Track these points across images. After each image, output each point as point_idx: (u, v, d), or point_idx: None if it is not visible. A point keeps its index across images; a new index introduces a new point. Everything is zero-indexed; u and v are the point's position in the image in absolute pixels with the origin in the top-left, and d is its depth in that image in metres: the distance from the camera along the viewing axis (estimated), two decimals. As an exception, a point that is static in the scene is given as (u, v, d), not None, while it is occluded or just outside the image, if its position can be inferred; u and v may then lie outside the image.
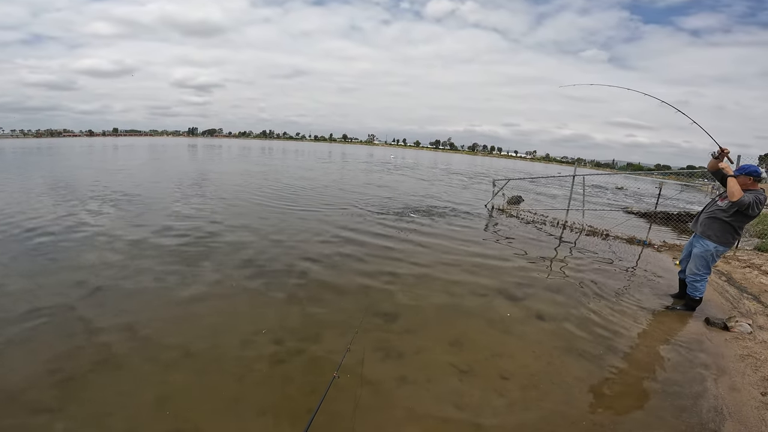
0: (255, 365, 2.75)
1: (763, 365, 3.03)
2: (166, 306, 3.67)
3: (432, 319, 3.66)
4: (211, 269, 4.65)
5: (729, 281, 5.30)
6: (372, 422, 2.26)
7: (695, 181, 28.48)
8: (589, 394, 2.63)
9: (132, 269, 4.53)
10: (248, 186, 12.44)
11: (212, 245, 5.65)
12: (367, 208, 9.27)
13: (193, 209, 8.20)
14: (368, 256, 5.55)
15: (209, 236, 6.12)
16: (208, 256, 5.15)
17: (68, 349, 2.85)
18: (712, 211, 3.94)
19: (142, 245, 5.48)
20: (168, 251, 5.28)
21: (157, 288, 4.06)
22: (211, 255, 5.19)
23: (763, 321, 3.92)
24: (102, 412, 2.24)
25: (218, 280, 4.32)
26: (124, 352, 2.85)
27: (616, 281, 5.13)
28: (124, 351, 2.86)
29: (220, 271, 4.59)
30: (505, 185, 11.65)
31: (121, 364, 2.70)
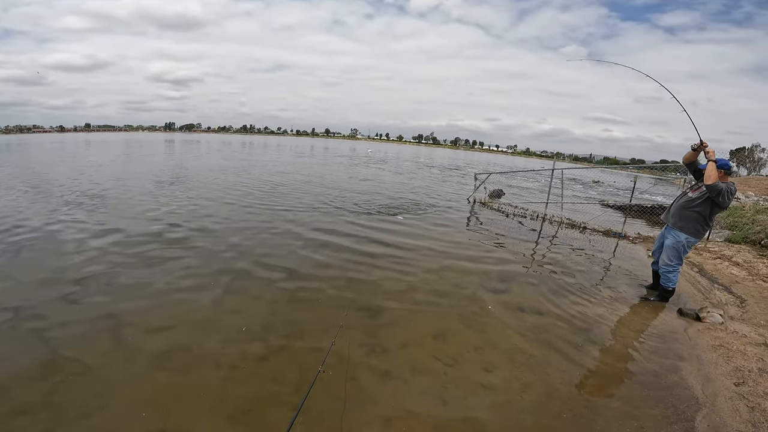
0: (238, 363, 2.71)
1: (734, 355, 3.10)
2: (142, 307, 3.51)
3: (415, 313, 3.66)
4: (186, 269, 4.47)
5: (701, 272, 5.45)
6: (357, 417, 2.26)
7: (668, 174, 29.42)
8: (570, 386, 2.67)
9: (103, 270, 4.31)
10: (226, 184, 12.13)
11: (186, 245, 5.44)
12: (346, 204, 9.15)
13: (165, 207, 7.90)
14: (349, 251, 5.45)
15: (182, 236, 5.90)
16: (181, 256, 4.95)
17: (42, 353, 2.71)
18: (683, 203, 4.00)
19: (110, 246, 5.22)
20: (137, 251, 5.05)
21: (132, 287, 3.89)
22: (184, 255, 4.99)
23: (734, 311, 4.03)
24: (82, 413, 2.19)
25: (194, 281, 4.15)
26: (101, 353, 2.76)
27: (593, 273, 5.22)
28: (101, 352, 2.77)
29: (196, 271, 4.42)
30: (486, 179, 11.72)
31: (100, 366, 2.61)
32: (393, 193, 11.52)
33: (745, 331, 3.52)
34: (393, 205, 9.28)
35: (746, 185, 16.11)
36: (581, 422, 2.32)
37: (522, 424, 2.30)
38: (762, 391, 2.61)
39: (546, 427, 2.29)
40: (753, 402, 2.50)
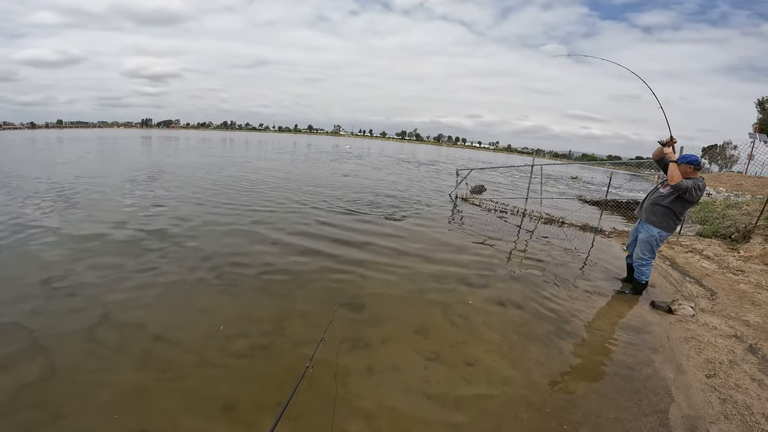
0: (218, 361, 2.67)
1: (705, 347, 3.15)
2: (114, 307, 3.38)
3: (396, 308, 3.66)
4: (156, 269, 4.30)
5: (673, 266, 5.57)
6: (341, 413, 2.25)
7: (643, 171, 30.34)
8: (549, 378, 2.72)
9: (71, 270, 4.12)
10: (201, 182, 11.83)
11: (160, 243, 5.25)
12: (330, 198, 9.02)
13: (134, 207, 7.63)
14: (330, 247, 5.37)
15: (155, 233, 5.69)
16: (153, 253, 4.78)
17: (14, 352, 2.63)
18: (654, 198, 4.08)
19: (78, 245, 4.99)
20: (112, 249, 4.85)
21: (102, 288, 3.74)
22: (157, 253, 4.82)
23: (704, 304, 4.12)
24: (57, 414, 2.13)
25: (171, 279, 4.02)
26: (75, 353, 2.69)
27: (571, 267, 5.28)
28: (75, 352, 2.70)
29: (171, 270, 4.28)
30: (467, 175, 11.78)
31: (75, 366, 2.54)
32: (375, 190, 11.43)
33: (716, 323, 3.59)
34: (375, 201, 9.21)
35: (718, 181, 16.70)
36: (561, 415, 2.35)
37: (504, 417, 2.32)
38: (733, 383, 2.65)
39: (527, 421, 2.30)
40: (724, 394, 2.54)
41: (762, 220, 6.62)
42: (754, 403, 2.41)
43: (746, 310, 3.89)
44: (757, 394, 2.51)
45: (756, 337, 3.29)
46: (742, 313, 3.80)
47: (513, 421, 2.29)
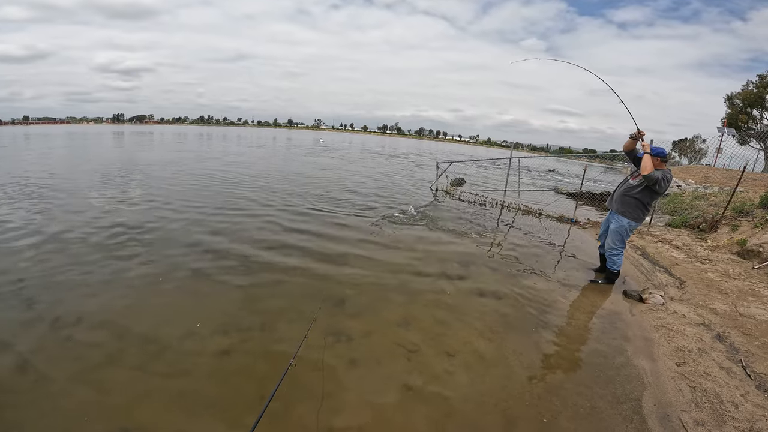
0: (199, 358, 2.63)
1: (675, 336, 3.22)
2: (84, 307, 3.27)
3: (378, 301, 3.66)
4: (132, 266, 4.17)
5: (643, 255, 5.70)
6: (324, 407, 2.25)
7: (617, 163, 31.23)
8: (527, 368, 2.76)
9: (40, 271, 3.92)
10: (178, 178, 11.36)
11: (132, 242, 5.05)
12: (302, 197, 8.82)
13: (102, 203, 7.36)
14: (310, 241, 5.28)
15: (130, 231, 5.48)
16: (125, 251, 4.60)
17: None
18: (624, 189, 4.16)
19: (45, 245, 4.76)
20: (79, 249, 4.64)
21: (74, 288, 3.61)
22: (128, 252, 4.64)
23: (673, 292, 4.22)
24: (36, 415, 2.09)
25: (140, 279, 3.87)
26: (50, 351, 2.62)
27: (547, 258, 5.36)
28: (50, 351, 2.63)
29: (143, 267, 4.15)
30: (447, 168, 11.79)
31: (51, 366, 2.48)
32: (357, 182, 11.28)
33: (684, 312, 3.67)
34: (356, 192, 9.06)
35: (687, 174, 17.30)
36: (540, 404, 2.38)
37: (484, 406, 2.35)
38: (702, 371, 2.70)
39: (508, 409, 2.33)
40: (694, 382, 2.59)
41: (729, 211, 6.85)
42: (723, 391, 2.47)
43: (714, 298, 4.00)
44: (725, 382, 2.57)
45: (723, 326, 3.38)
46: (710, 302, 3.90)
47: (494, 410, 2.32)
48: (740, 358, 2.83)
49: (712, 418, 2.24)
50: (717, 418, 2.23)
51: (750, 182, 10.85)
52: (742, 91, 28.54)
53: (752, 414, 2.25)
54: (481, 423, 2.23)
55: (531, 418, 2.26)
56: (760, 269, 4.76)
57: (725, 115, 29.14)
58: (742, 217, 6.64)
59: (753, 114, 28.29)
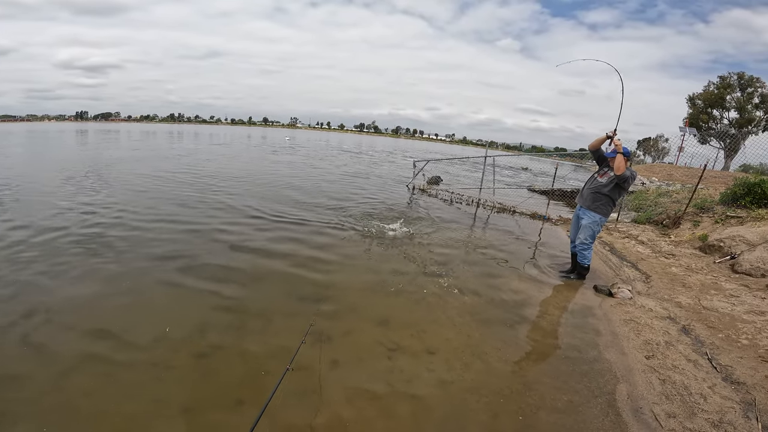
0: (173, 362, 2.56)
1: (643, 329, 3.32)
2: (50, 310, 3.14)
3: (357, 300, 3.65)
4: (90, 273, 3.94)
5: (612, 251, 5.88)
6: (307, 407, 2.24)
7: (586, 162, 32.35)
8: (506, 363, 2.80)
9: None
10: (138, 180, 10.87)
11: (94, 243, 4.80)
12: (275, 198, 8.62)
13: (61, 205, 6.99)
14: (287, 241, 5.19)
15: (95, 233, 5.20)
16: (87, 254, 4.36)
17: None
18: (595, 187, 4.29)
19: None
20: (41, 251, 4.37)
21: (36, 292, 3.44)
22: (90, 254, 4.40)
23: (640, 287, 4.36)
24: (3, 422, 2.01)
25: (101, 286, 3.68)
26: (19, 359, 2.52)
27: (522, 254, 5.47)
28: (19, 358, 2.53)
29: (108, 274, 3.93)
30: (424, 166, 11.84)
31: (19, 372, 2.38)
32: (336, 179, 11.13)
33: (651, 306, 3.79)
34: (332, 190, 8.93)
35: (651, 171, 18.10)
36: (519, 398, 2.42)
37: (466, 403, 2.37)
38: (670, 363, 2.80)
39: (488, 405, 2.35)
40: (663, 375, 2.67)
41: (690, 208, 7.18)
42: (692, 384, 2.56)
43: (678, 292, 4.16)
44: (693, 374, 2.66)
45: (688, 318, 3.51)
46: (675, 296, 4.05)
47: (475, 406, 2.34)
48: (705, 350, 2.94)
49: (682, 410, 2.31)
50: (687, 411, 2.31)
51: (710, 180, 11.45)
52: (704, 91, 29.94)
53: (721, 406, 2.34)
54: (464, 419, 2.25)
55: (512, 413, 2.29)
56: (721, 263, 5.00)
57: (687, 115, 30.54)
58: (703, 213, 6.97)
59: (713, 114, 29.78)
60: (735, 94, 28.38)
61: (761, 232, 5.34)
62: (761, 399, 2.37)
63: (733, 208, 6.66)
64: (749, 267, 4.59)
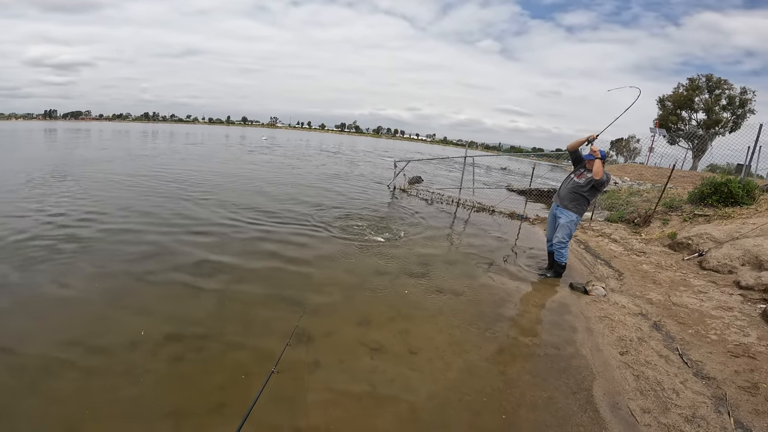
0: (151, 366, 2.50)
1: (617, 326, 3.40)
2: (22, 314, 3.04)
3: (338, 301, 3.64)
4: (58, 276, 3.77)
5: (587, 249, 6.03)
6: (290, 409, 2.22)
7: (562, 162, 33.18)
8: (487, 362, 2.82)
9: None
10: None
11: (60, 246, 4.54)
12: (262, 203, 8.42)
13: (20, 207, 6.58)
14: (265, 243, 5.09)
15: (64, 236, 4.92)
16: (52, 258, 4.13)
17: None
18: (573, 187, 4.41)
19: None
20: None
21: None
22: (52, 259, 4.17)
23: (614, 284, 4.48)
24: None
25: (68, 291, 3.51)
26: None
27: (501, 253, 5.55)
28: None
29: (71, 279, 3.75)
30: (405, 166, 11.86)
31: None
32: (316, 179, 11.00)
33: (624, 302, 3.90)
34: (306, 194, 8.80)
35: (623, 171, 18.73)
36: (501, 396, 2.44)
37: (448, 402, 2.38)
38: (643, 359, 2.87)
39: (470, 403, 2.36)
40: (637, 370, 2.74)
41: (660, 206, 7.45)
42: (664, 379, 2.62)
43: (649, 288, 4.29)
44: (665, 369, 2.74)
45: (659, 315, 3.62)
46: (646, 292, 4.18)
47: (458, 405, 2.35)
48: (676, 346, 3.03)
49: (656, 405, 2.37)
50: (661, 406, 2.36)
51: (679, 179, 11.92)
52: (673, 93, 31.11)
53: (693, 401, 2.40)
54: (447, 418, 2.25)
55: (493, 411, 2.31)
56: (690, 260, 5.20)
57: (657, 117, 31.72)
58: (672, 211, 7.24)
59: (682, 115, 31.05)
60: (703, 95, 29.62)
61: (727, 229, 5.58)
62: (732, 394, 2.44)
63: (700, 206, 6.94)
64: (716, 264, 4.78)
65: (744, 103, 28.22)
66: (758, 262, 4.44)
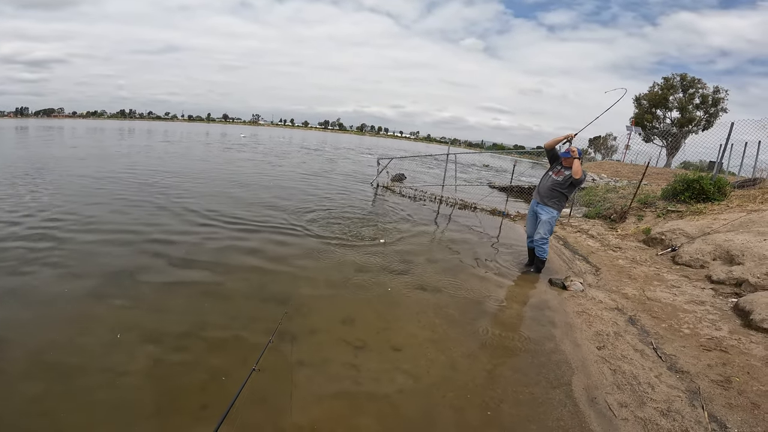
0: (130, 368, 2.45)
1: (594, 320, 3.47)
2: None
3: (321, 299, 3.62)
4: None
5: (565, 245, 6.14)
6: (272, 408, 2.20)
7: (542, 159, 33.69)
8: (469, 358, 2.84)
9: None
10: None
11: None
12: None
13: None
14: (245, 241, 5.01)
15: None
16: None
17: None
18: (552, 185, 4.50)
19: None
20: None
21: None
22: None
23: (591, 279, 4.57)
24: None
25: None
26: None
27: (483, 249, 5.61)
28: None
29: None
30: (388, 164, 11.83)
31: None
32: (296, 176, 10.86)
33: (601, 297, 3.98)
34: (294, 188, 8.68)
35: (600, 168, 19.18)
36: (484, 392, 2.46)
37: (432, 398, 2.40)
38: (619, 353, 2.93)
39: (454, 399, 2.38)
40: (614, 365, 2.79)
41: (635, 203, 7.65)
42: (640, 373, 2.68)
43: (624, 283, 4.40)
44: (640, 363, 2.80)
45: (634, 309, 3.71)
46: (622, 287, 4.28)
47: (441, 401, 2.36)
48: (651, 340, 3.11)
49: (633, 399, 2.42)
50: (637, 400, 2.41)
51: (654, 176, 12.28)
52: (649, 92, 31.95)
53: (668, 395, 2.46)
54: (431, 415, 2.26)
55: (477, 407, 2.32)
56: (663, 255, 5.36)
57: (633, 115, 32.58)
58: (646, 208, 7.45)
59: (657, 114, 31.97)
60: (677, 94, 30.51)
61: (699, 225, 5.78)
62: (705, 387, 2.50)
63: (673, 203, 7.17)
64: (689, 258, 4.94)
65: (717, 102, 29.20)
66: (729, 256, 4.60)
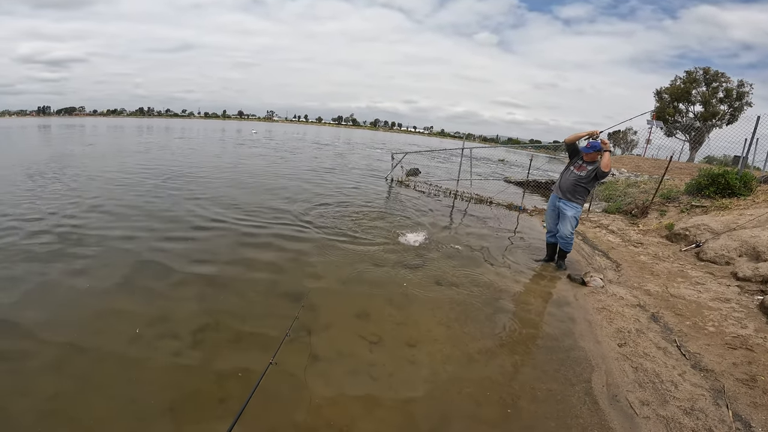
0: (148, 363, 2.49)
1: (615, 317, 3.39)
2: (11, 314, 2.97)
3: (335, 294, 3.63)
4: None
5: (584, 240, 6.02)
6: (288, 402, 2.21)
7: (559, 153, 33.06)
8: (486, 354, 2.81)
9: None
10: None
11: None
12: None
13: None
14: (260, 237, 5.07)
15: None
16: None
17: None
18: (576, 180, 4.39)
19: None
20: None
21: None
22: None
23: (611, 275, 4.47)
24: None
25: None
26: None
27: (499, 244, 5.55)
28: None
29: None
30: (402, 158, 11.80)
31: None
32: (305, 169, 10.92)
33: (622, 294, 3.89)
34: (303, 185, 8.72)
35: (620, 163, 18.74)
36: (501, 388, 2.44)
37: (449, 394, 2.37)
38: (641, 351, 2.86)
39: (470, 396, 2.36)
40: (636, 362, 2.73)
41: (657, 198, 7.44)
42: (662, 371, 2.62)
43: (647, 280, 4.29)
44: (663, 361, 2.73)
45: (657, 306, 3.62)
46: (644, 283, 4.17)
47: (457, 397, 2.35)
48: (674, 338, 3.03)
49: (655, 397, 2.37)
50: (660, 398, 2.36)
51: (676, 171, 11.90)
52: (670, 86, 31.09)
53: (691, 393, 2.40)
54: (448, 411, 2.24)
55: (494, 403, 2.31)
56: (687, 251, 5.20)
57: (654, 109, 31.67)
58: (669, 203, 7.23)
59: (679, 107, 31.03)
60: (700, 88, 29.59)
61: (725, 221, 5.58)
62: (730, 386, 2.44)
63: (697, 198, 6.94)
64: (714, 255, 4.79)
65: (741, 95, 28.21)
66: (755, 253, 4.44)
